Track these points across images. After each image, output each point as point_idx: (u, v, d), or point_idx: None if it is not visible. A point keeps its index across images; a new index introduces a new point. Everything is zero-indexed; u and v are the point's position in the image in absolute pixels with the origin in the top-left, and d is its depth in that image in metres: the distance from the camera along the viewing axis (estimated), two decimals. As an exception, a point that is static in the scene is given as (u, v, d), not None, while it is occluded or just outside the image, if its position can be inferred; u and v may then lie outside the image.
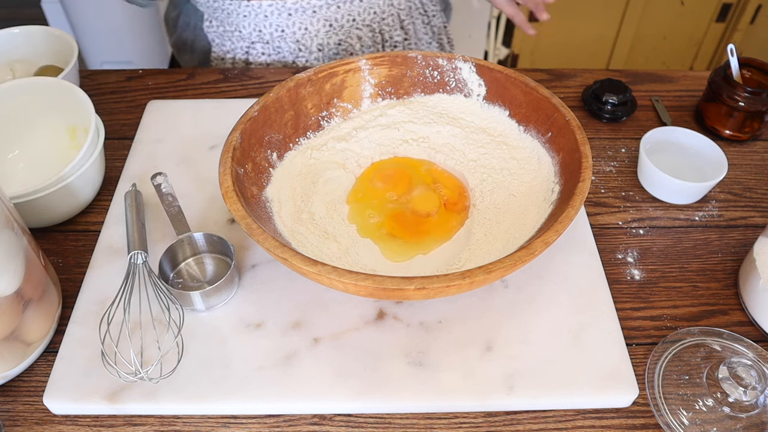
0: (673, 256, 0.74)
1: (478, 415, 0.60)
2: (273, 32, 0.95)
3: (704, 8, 1.89)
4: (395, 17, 0.99)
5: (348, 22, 0.95)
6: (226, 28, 0.99)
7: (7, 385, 0.62)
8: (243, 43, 0.99)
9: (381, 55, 0.78)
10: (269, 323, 0.64)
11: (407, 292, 0.54)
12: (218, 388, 0.60)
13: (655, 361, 0.63)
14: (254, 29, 0.96)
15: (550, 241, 0.57)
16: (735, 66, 0.85)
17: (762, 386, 0.59)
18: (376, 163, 0.77)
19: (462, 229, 0.70)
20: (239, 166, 0.66)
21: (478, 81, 0.78)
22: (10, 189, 0.66)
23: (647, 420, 0.60)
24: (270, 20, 0.94)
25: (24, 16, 2.44)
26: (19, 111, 0.78)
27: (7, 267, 0.56)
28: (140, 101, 0.91)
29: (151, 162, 0.80)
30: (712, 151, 0.80)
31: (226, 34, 1.00)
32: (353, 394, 0.60)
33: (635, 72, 0.98)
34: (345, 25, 0.96)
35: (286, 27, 0.95)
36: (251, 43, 0.98)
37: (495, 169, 0.74)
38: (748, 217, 0.78)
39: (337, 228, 0.69)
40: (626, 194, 0.80)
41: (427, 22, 1.05)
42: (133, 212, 0.70)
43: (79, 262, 0.71)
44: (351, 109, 0.79)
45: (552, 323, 0.64)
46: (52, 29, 0.90)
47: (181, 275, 0.68)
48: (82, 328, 0.64)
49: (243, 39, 0.99)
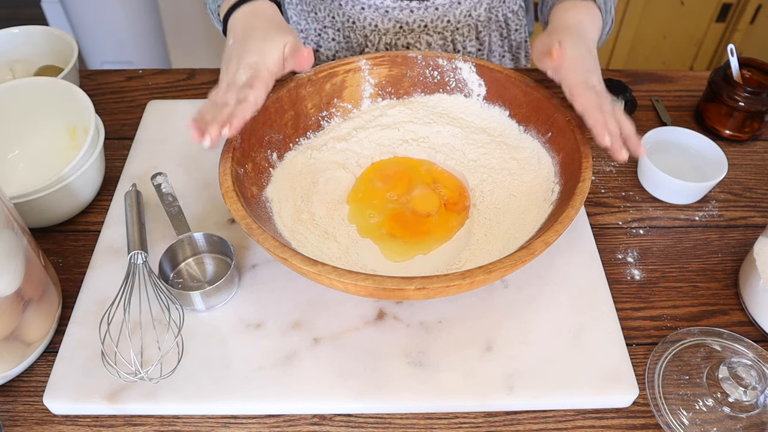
0: (673, 256, 0.74)
1: (478, 415, 0.60)
2: (345, 21, 0.94)
3: (704, 8, 1.89)
4: (471, 28, 0.96)
5: (419, 27, 0.93)
6: (304, 7, 0.98)
7: (7, 385, 0.62)
8: (317, 25, 0.98)
9: (381, 55, 0.78)
10: (269, 323, 0.64)
11: (407, 292, 0.54)
12: (218, 388, 0.60)
13: (655, 361, 0.63)
14: (328, 14, 0.95)
15: (551, 241, 0.57)
16: (735, 66, 0.85)
17: (762, 386, 0.59)
18: (376, 163, 0.77)
19: (462, 229, 0.70)
20: (239, 166, 0.66)
21: (478, 81, 0.78)
22: (10, 189, 0.66)
23: (647, 420, 0.60)
24: (344, 9, 0.92)
25: (24, 16, 2.44)
26: (19, 111, 0.78)
27: (7, 267, 0.56)
28: (140, 101, 0.91)
29: (151, 162, 0.80)
30: (712, 151, 0.80)
31: (302, 14, 0.99)
32: (353, 394, 0.60)
33: (635, 72, 0.98)
34: (416, 29, 0.93)
35: (357, 20, 0.93)
36: (324, 27, 0.97)
37: (495, 169, 0.74)
38: (748, 217, 0.78)
39: (337, 228, 0.69)
40: (626, 194, 0.80)
41: (505, 36, 1.01)
42: (133, 212, 0.70)
43: (79, 262, 0.71)
44: (351, 109, 0.79)
45: (552, 323, 0.64)
46: (52, 29, 0.90)
47: (181, 275, 0.68)
48: (82, 328, 0.64)
49: (317, 21, 0.97)
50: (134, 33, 1.94)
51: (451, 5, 0.91)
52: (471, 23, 0.95)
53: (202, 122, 0.61)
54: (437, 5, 0.91)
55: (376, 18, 0.92)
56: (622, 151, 0.61)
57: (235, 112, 0.62)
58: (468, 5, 0.92)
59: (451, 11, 0.92)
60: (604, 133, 0.61)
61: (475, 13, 0.94)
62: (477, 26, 0.96)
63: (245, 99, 0.63)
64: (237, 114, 0.62)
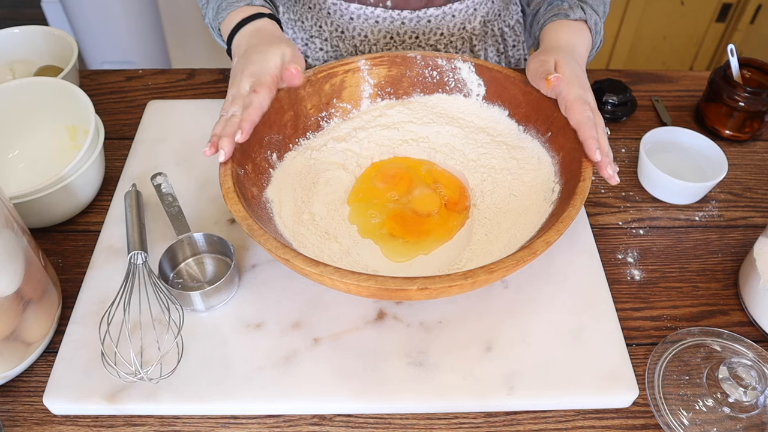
0: (673, 257, 0.74)
1: (478, 416, 0.60)
2: (333, 31, 0.94)
3: (704, 8, 1.89)
4: (466, 41, 0.95)
5: (411, 38, 0.92)
6: (291, 16, 0.98)
7: (7, 385, 0.62)
8: (303, 34, 0.98)
9: (380, 56, 0.78)
10: (269, 323, 0.64)
11: (409, 293, 0.54)
12: (218, 389, 0.60)
13: (655, 361, 0.63)
14: (315, 23, 0.95)
15: (552, 240, 0.57)
16: (735, 66, 0.85)
17: (762, 387, 0.59)
18: (376, 163, 0.77)
19: (463, 229, 0.70)
20: (239, 167, 0.66)
21: (478, 81, 0.78)
22: (10, 189, 0.66)
23: (647, 420, 0.60)
24: (332, 18, 0.92)
25: (24, 16, 2.44)
26: (19, 111, 0.78)
27: (7, 267, 0.56)
28: (140, 101, 0.91)
29: (151, 162, 0.80)
30: (712, 151, 0.80)
31: (289, 23, 0.99)
32: (353, 394, 0.60)
33: (635, 72, 0.98)
34: (407, 41, 0.93)
35: (346, 30, 0.93)
36: (310, 36, 0.97)
37: (495, 169, 0.74)
38: (748, 218, 0.78)
39: (338, 228, 0.69)
40: (626, 194, 0.80)
41: (502, 51, 1.01)
42: (133, 212, 0.70)
43: (79, 262, 0.71)
44: (350, 109, 0.79)
45: (552, 323, 0.64)
46: (52, 29, 0.90)
47: (181, 275, 0.68)
48: (82, 328, 0.64)
49: (304, 30, 0.97)
50: (134, 33, 1.94)
51: (444, 17, 0.90)
52: (465, 36, 0.94)
53: (215, 137, 0.64)
54: (429, 17, 0.90)
55: (366, 29, 0.91)
56: (608, 168, 0.63)
57: (244, 117, 0.64)
58: (462, 17, 0.91)
59: (445, 24, 0.91)
60: (595, 147, 0.63)
61: (470, 26, 0.93)
62: (472, 39, 0.95)
63: (250, 104, 0.65)
64: (245, 118, 0.64)
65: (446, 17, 0.90)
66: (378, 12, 0.89)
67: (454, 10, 0.90)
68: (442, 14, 0.90)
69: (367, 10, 0.89)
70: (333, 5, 0.90)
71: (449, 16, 0.90)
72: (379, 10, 0.89)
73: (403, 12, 0.89)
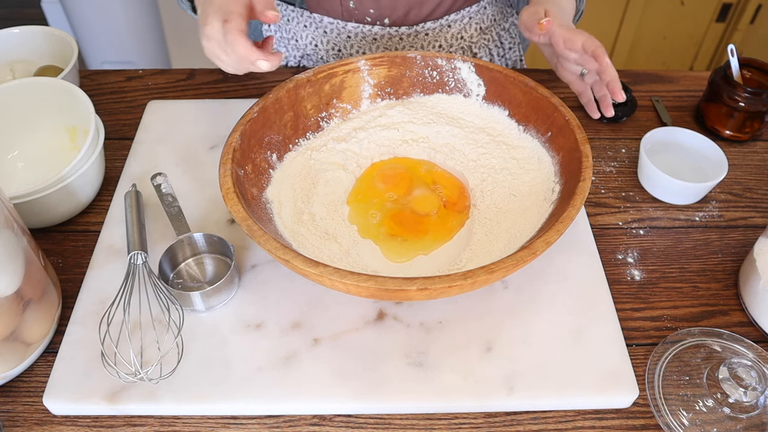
0: (673, 257, 0.74)
1: (478, 416, 0.60)
2: (330, 50, 0.94)
3: (704, 8, 1.89)
4: (465, 50, 0.95)
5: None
6: (284, 35, 0.98)
7: (7, 386, 0.62)
8: (297, 53, 0.98)
9: (380, 56, 0.78)
10: (269, 323, 0.64)
11: (409, 293, 0.54)
12: (218, 389, 0.60)
13: (655, 361, 0.63)
14: (310, 42, 0.95)
15: (552, 240, 0.57)
16: (735, 66, 0.85)
17: (762, 387, 0.59)
18: (376, 163, 0.77)
19: (463, 229, 0.70)
20: (239, 167, 0.66)
21: (477, 81, 0.78)
22: (10, 189, 0.66)
23: (647, 420, 0.60)
24: (329, 37, 0.92)
25: (24, 16, 2.44)
26: (19, 111, 0.78)
27: (7, 267, 0.56)
28: (140, 101, 0.91)
29: (151, 162, 0.80)
30: (712, 151, 0.80)
31: (282, 41, 0.99)
32: (353, 394, 0.60)
33: (635, 72, 0.98)
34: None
35: (344, 47, 0.93)
36: (305, 54, 0.97)
37: (495, 169, 0.74)
38: (748, 218, 0.78)
39: (337, 229, 0.69)
40: (626, 194, 0.80)
41: (502, 55, 1.01)
42: (133, 212, 0.70)
43: (79, 262, 0.71)
44: (350, 109, 0.79)
45: (552, 324, 0.64)
46: (52, 29, 0.90)
47: (181, 276, 0.68)
48: (82, 329, 0.64)
49: (298, 49, 0.98)
50: (134, 33, 1.94)
51: (441, 29, 0.90)
52: (464, 45, 0.94)
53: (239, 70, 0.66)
54: (427, 30, 0.90)
55: (364, 46, 0.91)
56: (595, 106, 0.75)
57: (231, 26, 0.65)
58: (458, 27, 0.91)
59: (442, 35, 0.91)
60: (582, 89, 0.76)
61: (467, 34, 0.93)
62: (471, 48, 0.95)
63: (228, 32, 0.66)
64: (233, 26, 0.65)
65: (443, 29, 0.91)
66: (376, 29, 0.89)
67: (450, 21, 0.90)
68: (439, 27, 0.90)
69: (365, 28, 0.89)
70: (330, 24, 0.90)
71: (446, 27, 0.90)
72: (377, 27, 0.89)
73: (401, 28, 0.89)
